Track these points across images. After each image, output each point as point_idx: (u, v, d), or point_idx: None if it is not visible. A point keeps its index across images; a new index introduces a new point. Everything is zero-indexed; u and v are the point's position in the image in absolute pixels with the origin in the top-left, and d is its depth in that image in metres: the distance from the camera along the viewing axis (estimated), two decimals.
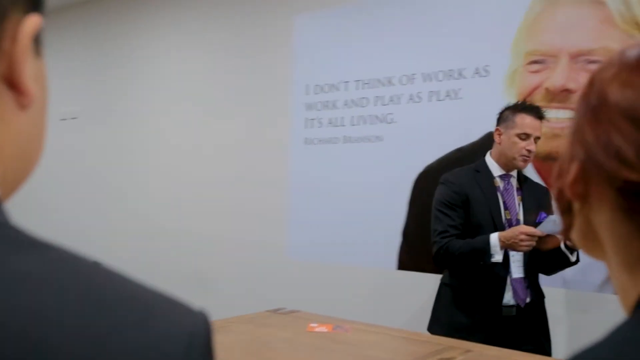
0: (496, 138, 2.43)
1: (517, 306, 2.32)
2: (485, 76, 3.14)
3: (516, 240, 2.17)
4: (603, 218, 0.54)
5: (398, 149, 3.42)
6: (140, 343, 0.35)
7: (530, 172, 2.91)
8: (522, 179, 2.47)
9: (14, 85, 0.42)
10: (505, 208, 2.38)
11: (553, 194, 0.60)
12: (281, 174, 3.89)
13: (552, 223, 2.13)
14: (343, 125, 3.66)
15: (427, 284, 3.24)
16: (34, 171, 0.49)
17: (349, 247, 3.56)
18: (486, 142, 3.09)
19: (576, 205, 0.57)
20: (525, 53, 3.00)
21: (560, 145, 2.82)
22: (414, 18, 3.38)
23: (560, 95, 2.86)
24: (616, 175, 0.49)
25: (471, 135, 3.15)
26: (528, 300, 2.34)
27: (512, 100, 3.01)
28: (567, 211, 0.58)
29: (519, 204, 2.40)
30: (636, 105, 0.49)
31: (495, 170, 2.43)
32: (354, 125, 3.61)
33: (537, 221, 2.25)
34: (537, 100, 2.92)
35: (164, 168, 4.52)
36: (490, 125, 3.08)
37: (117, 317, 0.35)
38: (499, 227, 2.30)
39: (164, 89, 4.57)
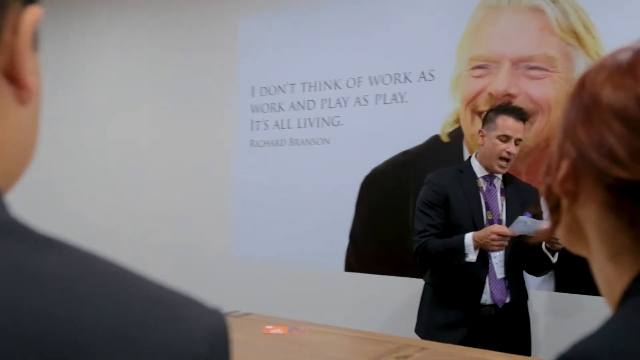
0: (479, 140, 2.43)
1: (496, 306, 2.32)
2: (430, 80, 3.20)
3: (488, 240, 2.18)
4: (590, 213, 0.56)
5: (345, 151, 3.44)
6: (167, 341, 0.35)
7: None
8: (508, 180, 2.46)
9: (14, 79, 0.41)
10: (487, 209, 2.38)
11: (541, 191, 0.62)
12: (226, 176, 3.84)
13: (522, 223, 2.14)
14: (289, 128, 3.65)
15: (374, 285, 3.28)
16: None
17: (297, 249, 3.55)
18: (432, 145, 3.16)
19: (564, 202, 0.59)
20: (469, 58, 3.08)
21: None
22: (361, 21, 3.42)
23: (502, 100, 2.94)
24: (608, 174, 0.51)
25: (417, 138, 3.20)
26: (507, 301, 2.33)
27: (456, 104, 3.10)
28: (555, 208, 0.60)
29: (502, 205, 2.40)
30: (628, 107, 0.51)
31: (479, 171, 2.42)
32: (300, 127, 3.61)
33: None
34: (481, 104, 3.01)
35: (104, 171, 4.38)
36: (435, 129, 3.16)
37: (143, 316, 0.36)
38: (479, 227, 2.30)
39: (102, 90, 4.43)
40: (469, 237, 2.24)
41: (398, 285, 3.18)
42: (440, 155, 3.12)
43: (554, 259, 2.26)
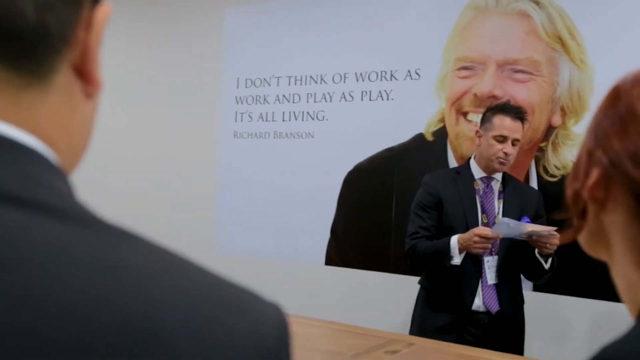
0: (476, 140, 2.39)
1: (489, 313, 2.26)
2: (416, 79, 3.23)
3: (470, 242, 2.14)
4: (617, 220, 0.58)
5: (329, 146, 3.45)
6: (239, 335, 0.36)
7: None
8: (508, 181, 2.40)
9: (84, 74, 0.42)
10: (483, 211, 2.32)
11: (568, 196, 0.63)
12: (209, 167, 3.83)
13: (505, 225, 2.09)
14: (274, 121, 3.65)
15: (354, 279, 3.31)
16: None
17: (278, 243, 3.56)
18: (416, 143, 3.20)
19: (591, 208, 0.61)
20: (455, 59, 3.12)
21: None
22: (349, 17, 3.43)
23: (487, 101, 2.99)
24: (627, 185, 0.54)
25: (402, 135, 3.24)
26: (499, 307, 2.27)
27: (441, 103, 3.14)
28: (581, 214, 0.62)
29: (498, 208, 2.34)
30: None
31: (477, 172, 2.37)
32: (285, 120, 3.61)
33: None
34: (466, 105, 3.05)
35: (88, 161, 4.30)
36: (420, 127, 3.19)
37: (216, 309, 0.36)
38: None
39: None
40: (454, 240, 2.21)
41: (378, 281, 3.22)
42: (423, 153, 3.15)
43: (547, 265, 2.22)
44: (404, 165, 3.20)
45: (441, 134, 3.13)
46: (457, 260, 2.20)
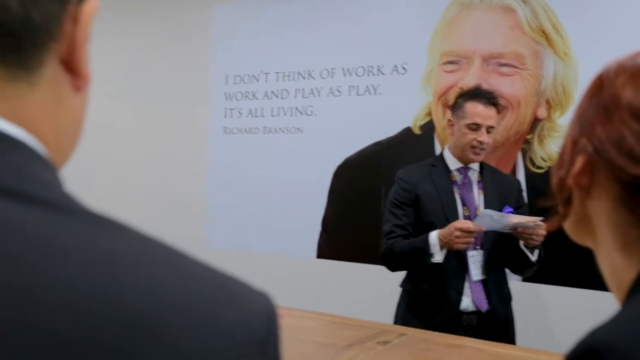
0: (449, 129, 2.25)
1: (478, 312, 2.11)
2: (403, 74, 3.27)
3: (452, 238, 2.00)
4: (602, 207, 0.59)
5: (318, 141, 3.48)
6: (228, 322, 0.37)
7: None
8: (486, 171, 2.26)
9: (72, 68, 0.43)
10: (463, 204, 2.17)
11: (553, 184, 0.65)
12: (200, 162, 3.85)
13: (488, 218, 1.99)
14: (263, 116, 3.67)
15: (345, 271, 3.34)
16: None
17: (270, 236, 3.59)
18: (404, 137, 3.23)
19: (576, 195, 0.62)
20: (441, 53, 3.16)
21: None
22: (336, 13, 3.46)
23: None
24: (625, 171, 0.55)
25: (389, 129, 3.27)
26: (489, 306, 2.12)
27: (428, 97, 3.18)
28: (566, 201, 0.64)
29: (479, 199, 2.20)
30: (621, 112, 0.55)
31: (452, 163, 2.22)
32: (274, 116, 3.64)
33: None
34: (452, 98, 3.07)
35: (77, 158, 4.30)
36: (407, 121, 3.23)
37: (205, 298, 0.37)
38: None
39: None
40: (433, 236, 2.06)
41: (370, 273, 3.26)
42: (411, 147, 3.19)
43: (534, 257, 2.10)
44: (392, 158, 3.24)
45: (428, 128, 3.17)
46: (438, 257, 2.06)
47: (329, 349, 1.71)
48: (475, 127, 2.13)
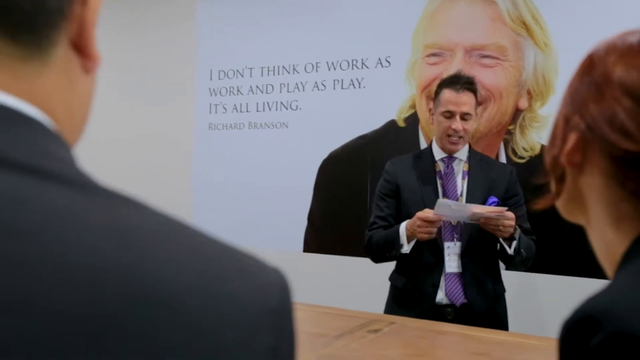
0: (430, 119, 2.23)
1: (454, 307, 2.07)
2: (387, 66, 3.29)
3: (415, 227, 1.99)
4: (594, 183, 0.61)
5: (303, 135, 3.50)
6: (245, 294, 0.37)
7: None
8: (474, 159, 2.20)
9: (82, 49, 0.43)
10: (444, 194, 2.13)
11: (546, 162, 0.67)
12: (185, 158, 3.84)
13: (447, 208, 1.96)
14: (248, 111, 3.68)
15: (332, 264, 3.37)
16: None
17: (256, 231, 3.60)
18: (388, 129, 3.26)
19: (569, 172, 0.64)
20: (424, 45, 3.18)
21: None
22: (319, 7, 3.47)
23: None
24: (617, 146, 0.56)
25: (374, 123, 3.30)
26: (465, 299, 2.06)
27: (412, 90, 3.20)
28: (560, 179, 0.66)
29: (462, 188, 2.14)
30: (639, 85, 0.56)
31: (438, 153, 2.18)
32: (259, 111, 3.65)
33: (487, 205, 2.03)
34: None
35: None
36: (392, 114, 3.26)
37: (221, 270, 0.38)
38: None
39: None
40: (402, 227, 2.06)
41: (357, 266, 3.29)
42: (396, 139, 3.22)
43: (510, 250, 2.02)
44: (378, 151, 3.26)
45: (413, 120, 3.20)
46: (406, 248, 2.05)
47: (320, 338, 1.73)
48: (449, 114, 2.09)
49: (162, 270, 0.35)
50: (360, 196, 3.31)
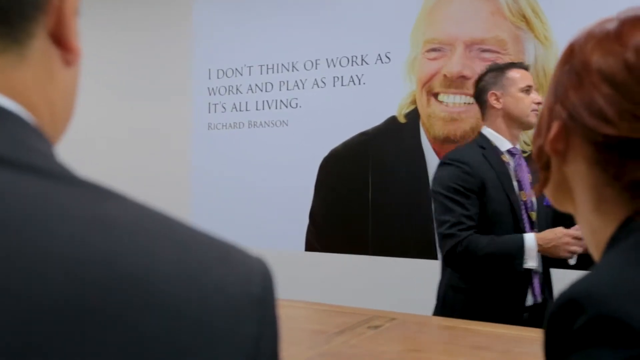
0: (495, 103, 2.02)
1: (534, 305, 1.95)
2: (387, 62, 3.27)
3: (559, 243, 1.83)
4: (577, 170, 0.62)
5: (303, 133, 3.48)
6: (226, 281, 0.37)
7: (431, 155, 3.09)
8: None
9: (61, 42, 0.43)
10: (520, 189, 1.98)
11: (533, 152, 0.68)
12: (183, 158, 3.83)
13: None
14: (247, 110, 3.67)
15: (334, 263, 3.35)
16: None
17: (257, 230, 3.59)
18: (389, 126, 3.24)
19: (554, 161, 0.65)
20: (423, 41, 3.17)
21: (457, 128, 3.03)
22: (317, 4, 3.45)
23: (457, 82, 3.05)
24: (597, 132, 0.57)
25: (375, 119, 3.28)
26: (543, 296, 1.97)
27: (412, 86, 3.18)
28: (545, 167, 0.67)
29: (530, 183, 2.01)
30: (616, 71, 0.57)
31: (502, 144, 2.02)
32: (258, 110, 3.63)
33: (545, 204, 1.94)
34: (436, 86, 3.10)
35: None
36: (392, 110, 3.24)
37: (202, 258, 0.37)
38: (517, 214, 1.93)
39: None
40: (530, 240, 1.85)
41: (358, 263, 3.27)
42: (397, 135, 3.20)
43: (573, 261, 1.93)
44: (379, 148, 3.24)
45: (413, 116, 3.18)
46: (532, 263, 1.86)
47: (320, 335, 1.72)
48: (528, 88, 2.02)
49: (142, 259, 0.35)
50: (362, 193, 3.29)
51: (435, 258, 3.05)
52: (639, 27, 0.59)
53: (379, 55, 3.29)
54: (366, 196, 3.26)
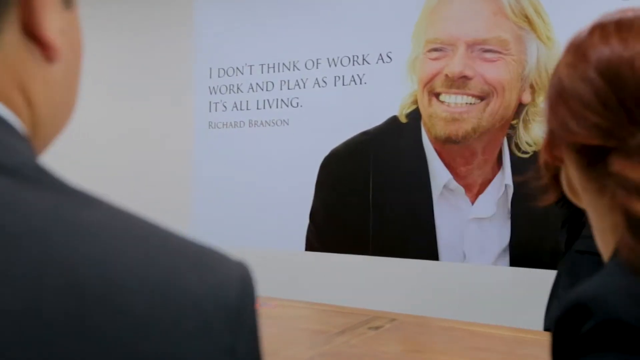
0: None
1: None
2: (388, 62, 3.26)
3: None
4: (573, 175, 0.66)
5: (304, 132, 3.47)
6: (197, 289, 0.36)
7: (432, 155, 3.09)
8: None
9: (35, 36, 0.40)
10: None
11: (540, 162, 0.72)
12: (185, 158, 3.82)
13: None
14: (248, 109, 3.66)
15: (334, 263, 3.34)
16: (68, 125, 0.49)
17: (257, 230, 3.58)
18: (390, 126, 3.23)
19: (559, 167, 0.69)
20: (425, 41, 3.15)
21: (459, 128, 3.03)
22: (319, 3, 3.44)
23: (458, 82, 3.04)
24: (573, 142, 0.62)
25: (376, 119, 3.27)
26: None
27: (414, 86, 3.17)
28: (553, 174, 0.71)
29: None
30: (577, 87, 0.61)
31: None
32: (259, 109, 3.62)
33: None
34: (437, 86, 3.09)
35: (56, 154, 4.27)
36: (394, 110, 3.23)
37: (174, 265, 0.36)
38: None
39: None
40: None
41: (359, 263, 3.26)
42: (398, 135, 3.19)
43: None
44: (380, 148, 3.24)
45: (415, 116, 3.17)
46: None
47: (321, 335, 1.71)
48: None
49: (101, 266, 0.33)
50: (363, 193, 3.28)
51: (436, 259, 3.04)
52: (604, 38, 0.62)
53: (381, 54, 3.28)
54: (367, 196, 3.25)
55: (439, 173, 3.06)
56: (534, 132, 2.88)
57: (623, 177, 0.55)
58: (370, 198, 3.26)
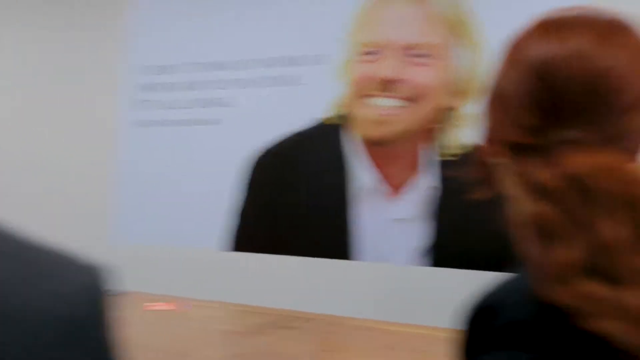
0: None
1: None
2: (321, 64, 3.24)
3: None
4: (508, 171, 0.66)
5: (236, 132, 3.41)
6: (38, 301, 0.34)
7: (359, 157, 3.08)
8: None
9: None
10: None
11: (478, 158, 0.73)
12: (109, 157, 3.70)
13: None
14: (179, 108, 3.57)
15: (262, 263, 3.27)
16: None
17: (184, 230, 3.48)
18: (322, 127, 3.21)
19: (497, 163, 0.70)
20: (359, 43, 3.15)
21: (389, 131, 3.03)
22: (254, 2, 3.40)
23: (390, 85, 3.04)
24: (507, 140, 0.64)
25: (308, 120, 3.24)
26: None
27: (346, 87, 3.16)
28: (491, 170, 0.72)
29: None
30: (514, 87, 0.64)
31: None
32: (189, 108, 3.55)
33: None
34: (371, 89, 3.09)
35: None
36: (326, 111, 3.21)
37: (14, 276, 0.34)
38: None
39: None
40: None
41: (279, 264, 3.19)
42: (329, 137, 3.17)
43: None
44: (311, 149, 3.21)
45: (346, 118, 3.16)
46: None
47: (235, 335, 1.66)
48: None
49: None
50: (292, 193, 3.24)
51: (357, 259, 3.02)
52: (544, 37, 0.65)
53: (315, 56, 3.26)
54: (296, 197, 3.22)
55: (363, 174, 3.06)
56: (459, 136, 2.91)
57: (530, 175, 0.58)
58: (300, 199, 3.23)
